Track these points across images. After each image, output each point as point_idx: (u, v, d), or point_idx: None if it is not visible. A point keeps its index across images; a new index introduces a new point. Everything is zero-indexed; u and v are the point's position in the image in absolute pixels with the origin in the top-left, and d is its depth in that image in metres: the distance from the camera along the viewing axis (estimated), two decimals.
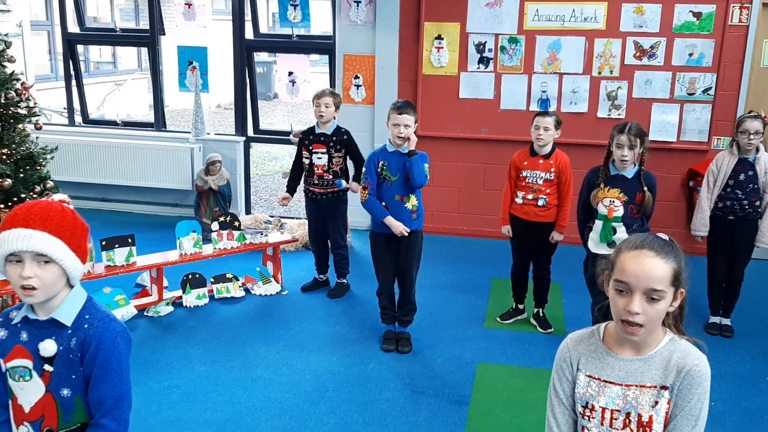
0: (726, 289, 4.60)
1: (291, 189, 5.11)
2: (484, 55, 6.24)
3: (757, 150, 4.35)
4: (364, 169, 4.15)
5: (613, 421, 1.67)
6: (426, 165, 4.07)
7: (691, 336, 1.72)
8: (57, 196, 1.78)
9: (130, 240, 4.53)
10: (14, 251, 1.65)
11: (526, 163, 4.38)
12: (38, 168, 5.36)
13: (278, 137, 7.13)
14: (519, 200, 4.41)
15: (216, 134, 7.11)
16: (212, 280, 4.99)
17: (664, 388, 1.64)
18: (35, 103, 5.42)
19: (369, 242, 4.36)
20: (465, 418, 3.50)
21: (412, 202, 4.08)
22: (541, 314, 4.62)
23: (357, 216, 6.23)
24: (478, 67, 6.27)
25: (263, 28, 7.12)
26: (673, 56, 5.91)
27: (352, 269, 5.29)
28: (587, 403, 1.70)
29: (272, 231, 5.86)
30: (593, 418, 1.69)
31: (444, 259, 5.88)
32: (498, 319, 4.69)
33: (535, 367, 4.03)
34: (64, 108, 8.08)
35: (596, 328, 1.77)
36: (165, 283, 4.76)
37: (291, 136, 5.84)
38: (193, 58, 6.80)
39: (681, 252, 1.66)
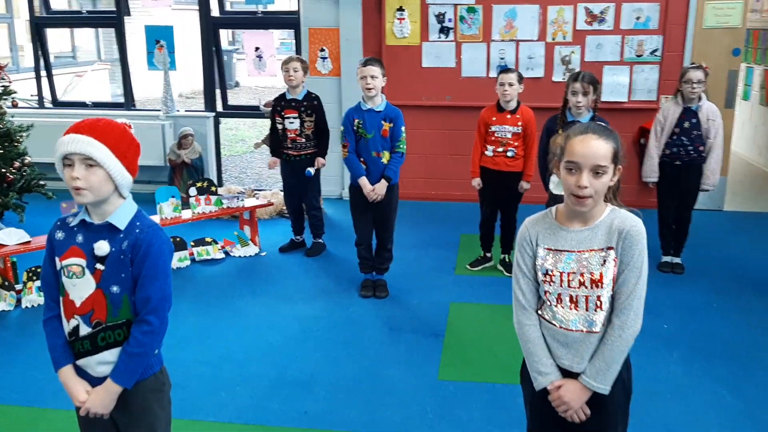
0: (676, 231, 4.96)
1: (275, 152, 5.30)
2: (444, 25, 6.51)
3: (700, 99, 4.70)
4: (342, 128, 4.38)
5: (570, 282, 1.95)
6: (403, 127, 4.33)
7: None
8: (120, 120, 1.99)
9: None
10: (64, 153, 1.86)
11: (494, 118, 4.67)
12: (15, 144, 5.48)
13: (247, 112, 7.31)
14: (489, 153, 4.69)
15: (186, 110, 7.26)
16: (192, 243, 5.18)
17: (609, 248, 1.92)
18: (10, 81, 5.53)
19: (340, 208, 4.59)
20: (441, 347, 3.79)
21: (387, 157, 4.33)
22: (508, 260, 4.93)
23: (327, 185, 6.44)
24: (440, 37, 6.55)
25: (228, 7, 7.27)
26: (621, 20, 6.27)
27: (326, 233, 5.52)
28: (547, 270, 1.98)
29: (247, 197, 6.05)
30: (553, 282, 1.97)
31: (415, 221, 6.12)
32: (468, 266, 4.99)
33: (503, 304, 4.32)
34: (32, 95, 8.12)
35: (548, 210, 2.05)
36: None
37: (262, 106, 6.04)
38: (160, 37, 6.93)
39: (618, 135, 1.95)
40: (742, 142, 9.39)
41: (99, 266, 1.93)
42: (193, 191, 5.20)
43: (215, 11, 6.93)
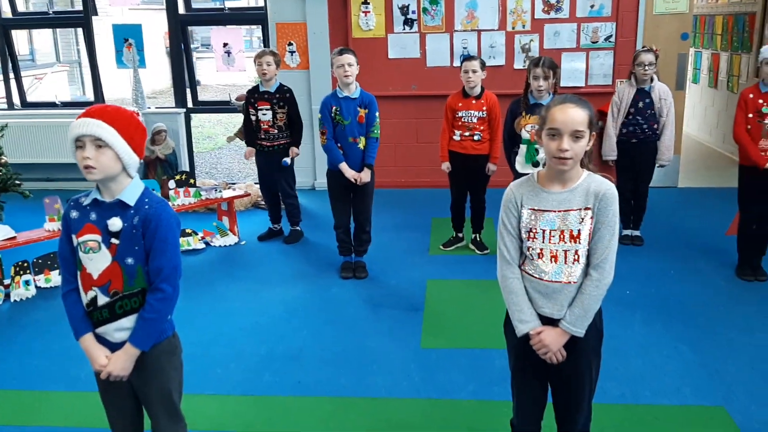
0: (634, 205, 5.27)
1: (250, 143, 5.44)
2: (408, 16, 6.73)
3: (652, 80, 5.01)
4: (319, 116, 4.56)
5: (551, 237, 2.17)
6: (377, 113, 4.54)
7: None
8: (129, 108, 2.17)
9: None
10: (76, 135, 2.03)
11: (460, 104, 4.91)
12: None
13: (218, 107, 7.43)
14: (457, 137, 4.93)
15: (156, 107, 7.35)
16: None
17: (587, 209, 2.15)
18: None
19: (314, 197, 4.75)
20: (421, 320, 4.02)
21: (363, 142, 4.53)
22: (479, 239, 5.18)
23: (300, 176, 6.59)
24: (404, 29, 6.77)
25: (196, 3, 7.37)
26: (576, 9, 6.57)
27: (302, 221, 5.69)
28: (531, 228, 2.20)
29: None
30: (536, 239, 2.19)
31: (387, 208, 6.30)
32: (441, 247, 5.23)
33: (476, 279, 4.58)
34: None
35: (531, 175, 2.27)
36: None
37: (234, 100, 6.18)
38: (128, 35, 7.00)
39: (591, 105, 2.17)
40: (693, 123, 9.82)
41: (114, 240, 2.09)
42: (172, 184, 5.33)
43: (182, 8, 7.03)
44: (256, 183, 6.56)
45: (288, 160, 5.36)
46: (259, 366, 3.52)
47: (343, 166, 4.47)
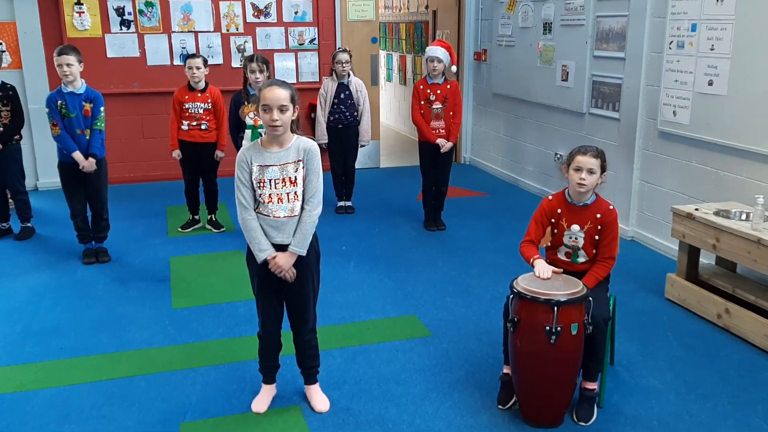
0: (345, 180, 6.25)
1: None
2: (125, 18, 7.00)
3: (349, 75, 6.01)
4: (47, 110, 4.73)
5: (276, 184, 2.87)
6: (102, 108, 4.85)
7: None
8: None
9: None
10: None
11: (187, 97, 5.41)
12: None
13: None
14: (185, 127, 5.42)
15: None
16: None
17: (299, 161, 2.88)
18: None
19: (39, 197, 4.93)
20: (169, 288, 4.49)
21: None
22: (214, 219, 5.74)
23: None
24: (121, 29, 7.01)
25: None
26: (283, 14, 7.42)
27: (31, 223, 5.70)
28: (260, 180, 2.87)
29: None
30: (265, 186, 2.87)
31: (121, 201, 6.49)
32: (179, 229, 5.69)
33: (215, 252, 5.15)
34: None
35: (257, 141, 2.95)
36: None
37: None
38: None
39: (293, 87, 2.90)
40: (391, 115, 11.37)
41: None
42: None
43: None
44: None
45: None
46: (18, 341, 3.72)
47: (77, 155, 4.73)
